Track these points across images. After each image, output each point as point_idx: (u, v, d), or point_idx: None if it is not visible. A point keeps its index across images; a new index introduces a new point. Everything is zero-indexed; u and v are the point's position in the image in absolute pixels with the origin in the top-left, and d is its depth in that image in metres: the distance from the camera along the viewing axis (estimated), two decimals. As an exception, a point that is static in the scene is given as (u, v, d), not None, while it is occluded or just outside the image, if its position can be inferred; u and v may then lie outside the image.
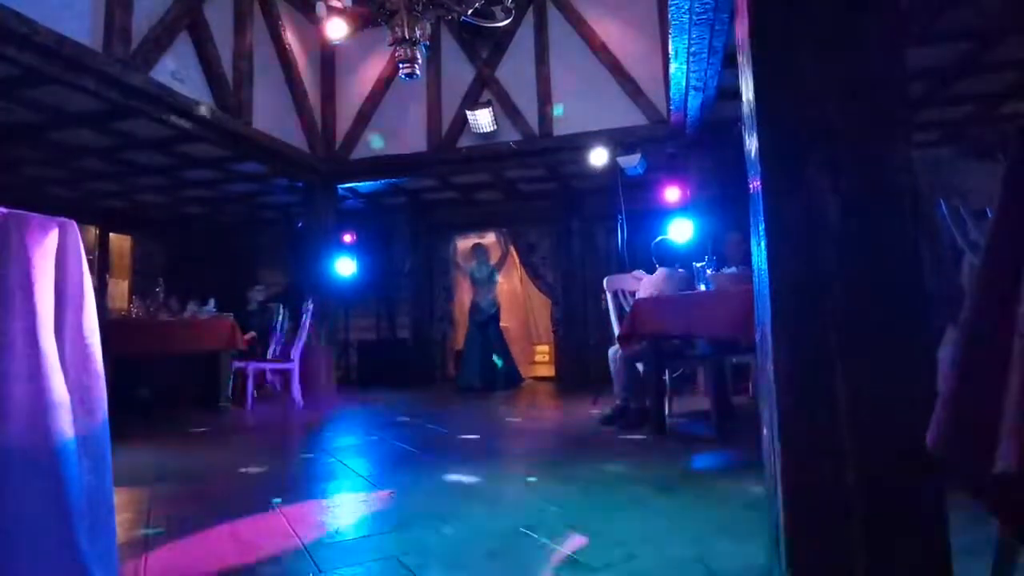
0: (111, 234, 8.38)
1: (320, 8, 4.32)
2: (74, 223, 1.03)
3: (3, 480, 0.95)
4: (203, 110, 5.03)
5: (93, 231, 8.09)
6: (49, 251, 0.96)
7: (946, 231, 1.49)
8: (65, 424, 0.99)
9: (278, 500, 2.45)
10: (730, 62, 4.18)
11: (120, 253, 8.59)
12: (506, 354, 7.15)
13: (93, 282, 1.12)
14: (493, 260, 7.44)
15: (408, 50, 4.08)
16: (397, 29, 4.08)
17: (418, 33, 4.12)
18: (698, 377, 5.44)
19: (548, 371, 8.80)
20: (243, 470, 3.17)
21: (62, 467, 0.99)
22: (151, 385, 5.94)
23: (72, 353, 1.01)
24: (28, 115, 4.92)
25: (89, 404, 1.04)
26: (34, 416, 0.96)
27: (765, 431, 1.25)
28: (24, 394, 0.95)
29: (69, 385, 1.01)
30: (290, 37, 6.24)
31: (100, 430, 1.06)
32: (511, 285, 8.16)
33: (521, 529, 1.93)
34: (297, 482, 2.90)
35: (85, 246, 1.10)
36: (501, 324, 7.53)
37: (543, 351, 9.77)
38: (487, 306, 7.15)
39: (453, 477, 2.83)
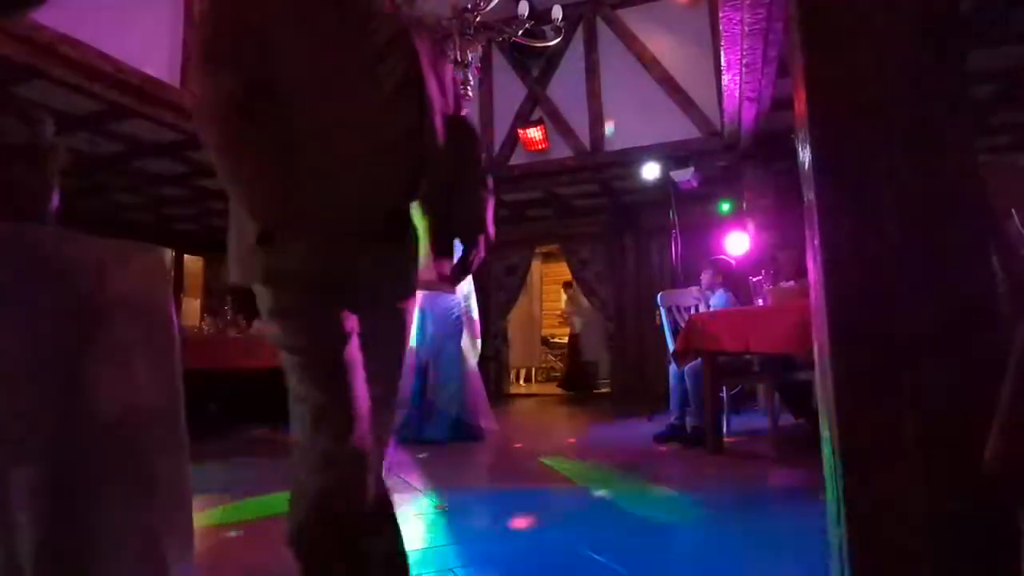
0: (185, 255, 8.88)
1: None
2: (164, 250, 1.13)
3: (97, 484, 1.04)
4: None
5: (169, 253, 8.58)
6: (140, 276, 1.06)
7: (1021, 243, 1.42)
8: (149, 436, 1.08)
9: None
10: (785, 71, 4.10)
11: (193, 273, 9.08)
12: (459, 396, 4.43)
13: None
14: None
15: (461, 72, 4.21)
16: (450, 52, 4.22)
17: (470, 55, 4.25)
18: (758, 394, 5.28)
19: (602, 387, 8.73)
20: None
21: (147, 472, 1.08)
22: (217, 400, 6.21)
23: (155, 371, 1.11)
24: (113, 146, 5.30)
25: (169, 419, 1.13)
26: (123, 430, 1.05)
27: (825, 451, 1.22)
28: (114, 409, 1.04)
29: (152, 401, 1.10)
30: (349, 64, 6.49)
31: (179, 441, 1.15)
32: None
33: (588, 552, 1.93)
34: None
35: (165, 268, 1.19)
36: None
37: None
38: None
39: (509, 492, 2.85)
